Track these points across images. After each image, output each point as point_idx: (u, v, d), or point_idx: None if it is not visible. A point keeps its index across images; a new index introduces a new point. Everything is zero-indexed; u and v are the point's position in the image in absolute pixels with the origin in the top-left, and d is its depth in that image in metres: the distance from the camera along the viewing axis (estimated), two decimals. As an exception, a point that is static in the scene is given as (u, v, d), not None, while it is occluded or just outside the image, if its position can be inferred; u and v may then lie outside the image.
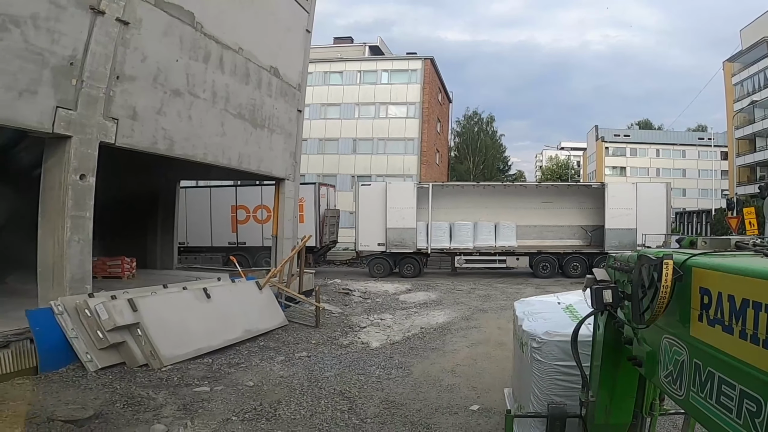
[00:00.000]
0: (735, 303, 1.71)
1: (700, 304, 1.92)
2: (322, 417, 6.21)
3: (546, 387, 4.07)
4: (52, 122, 7.20)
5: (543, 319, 4.36)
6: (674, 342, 2.11)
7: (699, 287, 1.93)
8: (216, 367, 7.93)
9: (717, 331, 1.80)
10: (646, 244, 20.65)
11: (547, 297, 5.29)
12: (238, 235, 22.68)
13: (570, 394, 3.87)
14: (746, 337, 1.64)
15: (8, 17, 6.66)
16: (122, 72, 8.46)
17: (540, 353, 4.09)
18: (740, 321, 1.67)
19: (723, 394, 1.76)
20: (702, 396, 1.89)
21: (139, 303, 7.47)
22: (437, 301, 15.13)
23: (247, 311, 9.86)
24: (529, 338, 4.22)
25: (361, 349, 9.74)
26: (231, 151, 11.57)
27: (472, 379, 7.68)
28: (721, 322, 1.78)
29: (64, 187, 7.41)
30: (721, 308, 1.79)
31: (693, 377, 1.95)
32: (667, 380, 2.18)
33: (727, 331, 1.75)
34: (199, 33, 10.36)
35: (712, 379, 1.83)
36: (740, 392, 1.67)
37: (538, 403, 4.07)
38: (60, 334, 6.96)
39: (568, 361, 3.73)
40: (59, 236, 7.40)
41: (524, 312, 4.67)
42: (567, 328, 3.71)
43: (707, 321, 1.87)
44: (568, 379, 3.94)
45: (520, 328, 4.50)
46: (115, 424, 5.67)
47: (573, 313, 4.31)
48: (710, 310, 1.85)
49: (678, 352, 2.07)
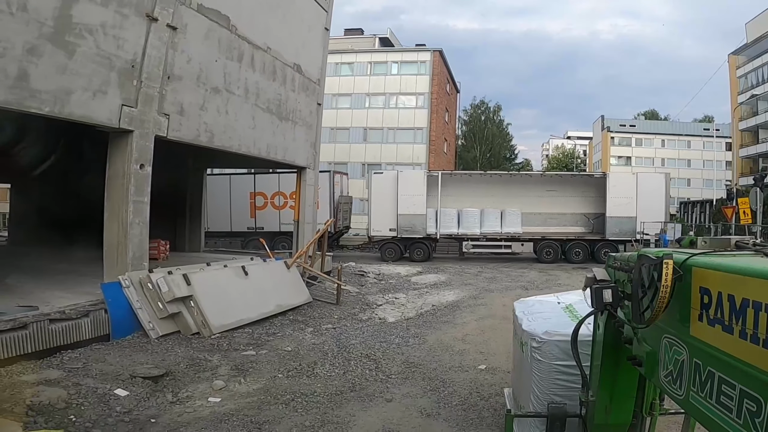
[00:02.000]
0: (735, 303, 1.71)
1: (700, 304, 1.92)
2: (354, 374, 7.32)
3: (546, 387, 4.08)
4: (119, 118, 8.29)
5: (543, 318, 4.38)
6: (674, 342, 2.11)
7: (699, 287, 1.94)
8: (256, 335, 9.07)
9: (717, 330, 1.81)
10: (644, 231, 21.67)
11: (546, 297, 5.30)
12: (256, 220, 23.81)
13: (570, 394, 3.88)
14: (746, 337, 1.64)
15: (84, 26, 7.69)
16: (172, 72, 9.51)
17: (540, 353, 4.10)
18: (740, 321, 1.68)
19: (723, 393, 1.76)
20: (702, 396, 1.89)
21: (192, 278, 8.60)
22: (447, 282, 16.26)
23: (278, 288, 10.98)
24: (528, 338, 4.22)
25: (379, 323, 10.84)
26: (261, 142, 12.63)
27: (480, 345, 8.82)
28: (721, 322, 1.79)
29: (127, 175, 8.50)
30: (721, 308, 1.79)
31: (693, 377, 1.95)
32: (667, 380, 2.18)
33: (727, 330, 1.75)
34: (233, 35, 11.36)
35: (712, 378, 1.83)
36: (740, 392, 1.67)
37: (538, 402, 4.08)
38: (127, 305, 8.09)
39: (568, 360, 3.75)
40: (123, 219, 8.50)
41: (524, 312, 4.69)
42: (567, 327, 3.69)
43: (707, 321, 1.88)
44: (568, 378, 3.95)
45: (520, 328, 4.50)
46: (182, 381, 6.78)
47: (573, 313, 4.31)
48: (710, 310, 1.86)
49: (678, 352, 2.08)
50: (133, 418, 5.54)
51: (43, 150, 16.43)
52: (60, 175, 17.17)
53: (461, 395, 6.48)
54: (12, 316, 6.62)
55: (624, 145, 66.31)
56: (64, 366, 6.60)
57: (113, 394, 5.95)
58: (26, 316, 6.74)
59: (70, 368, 6.52)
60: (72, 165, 16.62)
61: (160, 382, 6.60)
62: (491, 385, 6.85)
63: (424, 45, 39.12)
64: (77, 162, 16.30)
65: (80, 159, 15.26)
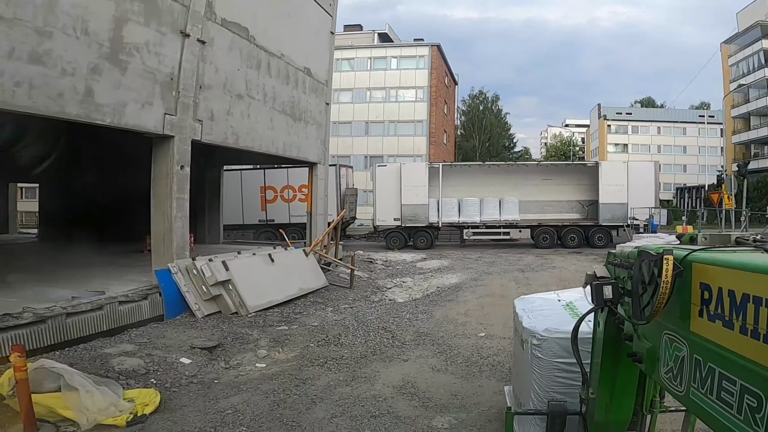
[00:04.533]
0: (735, 298, 1.72)
1: (701, 300, 1.92)
2: (374, 342, 8.58)
3: (546, 384, 4.07)
4: (162, 126, 9.49)
5: (543, 316, 4.39)
6: (674, 338, 2.11)
7: (699, 282, 1.94)
8: (285, 314, 10.32)
9: (717, 326, 1.81)
10: (635, 216, 22.93)
11: (547, 294, 5.35)
12: (267, 213, 25.03)
13: (570, 391, 3.89)
14: (747, 333, 1.64)
15: (132, 45, 8.86)
16: (203, 82, 10.69)
17: (540, 350, 4.10)
18: (741, 316, 1.68)
19: (723, 389, 1.76)
20: (702, 392, 1.89)
21: (230, 264, 9.84)
22: (449, 267, 17.53)
23: (300, 273, 12.24)
24: (529, 335, 4.22)
25: (390, 303, 12.09)
26: (278, 142, 13.83)
27: (480, 318, 10.10)
28: (721, 318, 1.79)
29: (170, 175, 9.72)
30: (721, 303, 1.79)
31: (693, 373, 1.95)
32: (667, 376, 2.18)
33: (727, 326, 1.75)
34: (252, 45, 12.51)
35: (712, 374, 1.83)
36: (741, 388, 1.67)
37: (539, 400, 4.08)
38: (176, 289, 9.33)
39: (569, 358, 3.75)
40: (167, 214, 9.73)
41: (524, 309, 4.70)
42: (567, 325, 3.67)
43: (707, 316, 1.88)
44: (569, 376, 3.96)
45: (521, 326, 4.50)
46: (231, 351, 8.01)
47: (573, 311, 4.32)
48: (710, 306, 1.86)
49: (678, 348, 2.08)
50: (199, 380, 6.78)
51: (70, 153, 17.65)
52: (85, 175, 18.42)
53: (464, 356, 7.75)
54: (88, 299, 7.87)
55: (621, 132, 67.34)
56: (133, 341, 7.84)
57: (180, 362, 7.20)
58: (99, 299, 7.98)
59: (138, 342, 7.77)
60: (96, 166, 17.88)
61: (214, 352, 7.84)
62: (489, 348, 8.11)
63: (422, 40, 40.37)
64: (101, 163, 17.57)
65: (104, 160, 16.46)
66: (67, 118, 7.71)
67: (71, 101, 7.63)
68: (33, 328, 6.85)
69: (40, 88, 7.14)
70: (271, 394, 6.27)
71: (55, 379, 5.33)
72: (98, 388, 5.43)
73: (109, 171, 18.04)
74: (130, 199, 16.83)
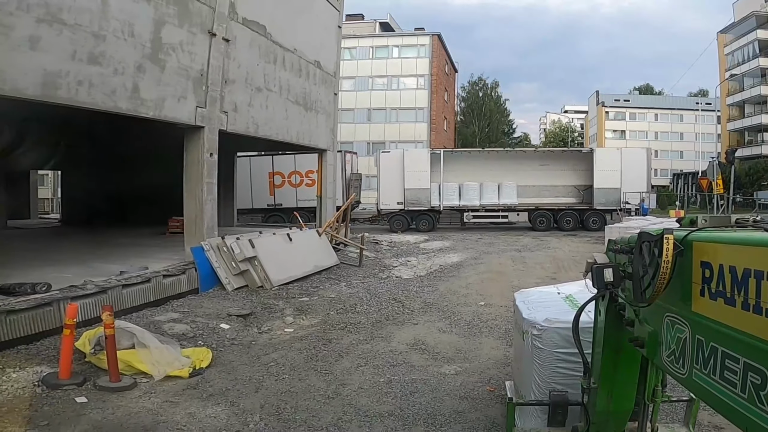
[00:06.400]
0: (737, 274, 1.72)
1: (702, 278, 1.92)
2: (386, 310, 9.69)
3: (547, 375, 4.07)
4: (194, 117, 10.51)
5: (543, 307, 4.41)
6: (676, 320, 2.11)
7: (700, 261, 1.94)
8: (304, 287, 11.42)
9: (719, 304, 1.81)
10: (627, 201, 24.07)
11: (547, 288, 5.40)
12: (275, 197, 26.10)
13: (571, 381, 3.87)
14: (749, 308, 1.65)
15: (169, 45, 9.86)
16: (227, 77, 11.69)
17: (541, 341, 4.10)
18: (742, 291, 1.68)
19: (726, 368, 1.76)
20: (705, 373, 1.88)
21: (255, 242, 10.92)
22: (451, 247, 18.69)
23: (314, 252, 13.34)
24: (529, 326, 4.22)
25: (397, 279, 13.20)
26: (292, 131, 14.86)
27: (480, 290, 11.26)
28: (723, 295, 1.79)
29: (201, 162, 10.76)
30: (722, 280, 1.80)
31: (695, 354, 1.95)
32: (669, 359, 2.18)
33: (729, 303, 1.75)
34: (269, 41, 13.47)
35: (715, 354, 1.83)
36: (744, 365, 1.67)
37: (540, 391, 4.09)
38: (208, 264, 10.42)
39: (569, 348, 3.77)
40: (198, 197, 10.79)
41: (524, 301, 4.72)
42: (567, 315, 3.68)
43: (709, 295, 1.88)
44: (569, 366, 3.96)
45: (521, 317, 4.50)
46: (261, 319, 9.08)
47: (573, 303, 4.32)
48: (712, 284, 1.86)
49: (680, 330, 2.07)
50: (239, 342, 7.84)
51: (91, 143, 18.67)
52: (104, 162, 19.48)
53: (466, 320, 8.88)
54: (137, 273, 8.96)
55: (619, 119, 68.38)
56: (176, 310, 8.93)
57: (220, 328, 8.28)
58: (146, 273, 9.08)
59: (181, 311, 8.86)
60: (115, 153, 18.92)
61: (247, 320, 8.93)
62: (488, 314, 9.24)
63: (423, 29, 41.19)
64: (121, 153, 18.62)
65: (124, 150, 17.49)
66: (119, 112, 8.75)
67: (122, 97, 8.68)
68: (95, 298, 7.89)
69: (97, 86, 8.18)
70: (303, 351, 7.37)
71: (129, 338, 6.39)
72: (164, 345, 6.51)
73: (128, 160, 19.11)
74: (148, 186, 17.98)
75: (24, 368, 6.02)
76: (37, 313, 6.86)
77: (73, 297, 7.47)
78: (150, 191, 18.23)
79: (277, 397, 5.68)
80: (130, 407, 5.33)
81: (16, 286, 7.29)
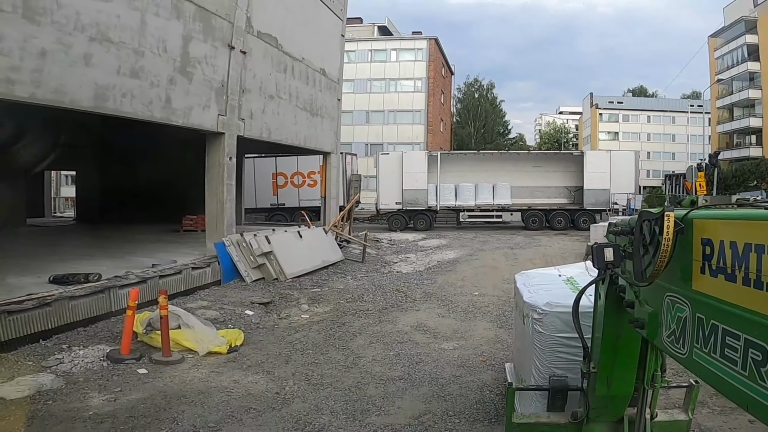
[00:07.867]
0: (737, 249, 1.72)
1: (702, 255, 1.92)
2: (391, 300, 10.77)
3: (547, 359, 4.06)
4: (216, 124, 11.56)
5: (544, 290, 4.37)
6: (676, 299, 2.10)
7: (700, 238, 1.94)
8: (315, 280, 12.48)
9: (720, 281, 1.81)
10: (616, 201, 25.26)
11: (547, 269, 5.37)
12: (278, 197, 27.13)
13: (571, 366, 3.88)
14: (749, 283, 1.65)
15: (195, 59, 10.89)
16: (244, 87, 12.73)
17: (541, 325, 4.08)
18: (743, 267, 1.68)
19: (727, 346, 1.75)
20: (705, 351, 1.88)
21: (271, 238, 11.97)
22: (447, 245, 19.82)
23: (321, 248, 14.41)
24: (530, 310, 4.21)
25: (398, 273, 14.27)
26: (300, 135, 15.92)
27: (475, 282, 12.38)
28: (723, 271, 1.79)
29: (222, 165, 11.80)
30: (723, 257, 1.80)
31: (696, 333, 1.95)
32: (669, 339, 2.17)
33: (729, 279, 1.75)
34: (280, 52, 14.51)
35: (715, 332, 1.83)
36: (745, 342, 1.66)
37: (540, 376, 4.08)
38: (229, 259, 11.46)
39: (570, 332, 3.75)
40: (219, 197, 11.82)
41: (525, 284, 4.71)
42: (568, 299, 3.63)
43: (709, 272, 1.88)
44: (570, 351, 3.95)
45: (521, 300, 4.47)
46: (280, 307, 10.13)
47: (574, 285, 4.31)
48: (712, 261, 1.86)
49: (680, 309, 2.07)
50: (263, 326, 8.87)
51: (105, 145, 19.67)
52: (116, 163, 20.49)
53: (462, 307, 9.98)
54: (169, 265, 10.01)
55: (612, 120, 69.59)
56: (204, 299, 9.98)
57: (245, 314, 9.31)
58: (177, 265, 10.13)
59: (209, 300, 9.91)
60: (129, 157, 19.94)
61: (268, 307, 9.97)
62: (482, 302, 10.35)
63: (420, 33, 42.31)
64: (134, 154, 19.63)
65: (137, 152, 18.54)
66: (154, 121, 9.79)
67: (157, 107, 9.72)
68: (137, 287, 8.88)
69: (137, 97, 9.23)
70: (322, 332, 8.44)
71: (176, 319, 7.39)
72: (205, 327, 7.55)
73: (141, 162, 20.12)
74: (161, 187, 19.01)
75: (87, 347, 7.06)
76: (93, 299, 7.89)
77: (120, 285, 8.50)
78: (159, 191, 19.31)
79: (305, 367, 6.75)
80: (184, 377, 6.38)
81: (69, 276, 8.34)
